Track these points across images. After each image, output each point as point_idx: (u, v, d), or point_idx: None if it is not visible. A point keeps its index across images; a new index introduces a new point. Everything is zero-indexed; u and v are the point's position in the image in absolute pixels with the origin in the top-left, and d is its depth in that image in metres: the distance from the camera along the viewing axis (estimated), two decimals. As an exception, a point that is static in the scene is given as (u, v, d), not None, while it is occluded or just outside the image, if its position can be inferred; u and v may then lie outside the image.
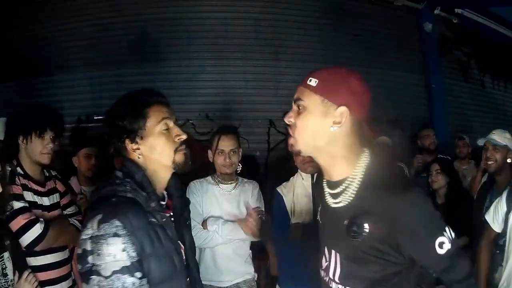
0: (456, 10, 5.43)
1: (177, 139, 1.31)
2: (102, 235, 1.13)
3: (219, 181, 2.38)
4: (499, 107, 6.00)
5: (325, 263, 1.17)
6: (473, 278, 1.13)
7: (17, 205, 1.81)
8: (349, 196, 1.10)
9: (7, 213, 1.74)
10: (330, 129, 1.08)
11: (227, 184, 2.38)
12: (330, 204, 1.15)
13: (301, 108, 1.10)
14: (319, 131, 1.09)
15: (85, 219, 1.21)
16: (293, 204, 2.36)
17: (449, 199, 2.89)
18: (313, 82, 1.09)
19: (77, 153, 3.00)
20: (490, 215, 2.22)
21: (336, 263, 1.13)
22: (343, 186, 1.11)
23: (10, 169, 1.89)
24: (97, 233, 1.13)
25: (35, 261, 1.88)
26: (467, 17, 5.50)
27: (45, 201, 2.00)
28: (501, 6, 5.33)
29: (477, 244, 2.50)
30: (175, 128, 1.33)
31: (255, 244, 2.52)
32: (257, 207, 2.36)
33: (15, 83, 4.62)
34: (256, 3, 4.71)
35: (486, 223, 2.24)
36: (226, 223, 2.27)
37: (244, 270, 2.39)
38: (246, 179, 2.47)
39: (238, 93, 4.54)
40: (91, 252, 1.13)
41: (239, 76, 4.57)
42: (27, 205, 1.86)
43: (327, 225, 1.17)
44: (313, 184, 1.32)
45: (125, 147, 1.30)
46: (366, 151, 1.15)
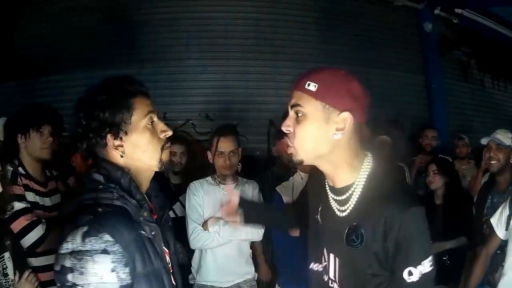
0: (456, 10, 5.43)
1: (162, 136, 1.14)
2: (87, 251, 0.94)
3: (219, 181, 2.37)
4: (499, 107, 6.00)
5: (324, 263, 1.16)
6: None
7: (18, 205, 1.81)
8: (353, 203, 1.07)
9: (8, 213, 1.74)
10: (333, 136, 1.02)
11: (227, 184, 2.38)
12: (334, 209, 1.12)
13: (300, 115, 1.03)
14: (321, 139, 1.03)
15: (63, 232, 1.00)
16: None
17: (447, 199, 2.87)
18: (313, 86, 1.01)
19: (75, 154, 3.00)
20: (495, 219, 2.17)
21: (335, 266, 1.11)
22: (348, 193, 1.08)
23: (12, 169, 1.89)
24: (81, 248, 0.95)
25: (37, 261, 1.88)
26: (467, 17, 5.49)
27: (47, 201, 2.01)
28: (501, 6, 5.33)
29: (476, 244, 2.50)
30: (160, 123, 1.15)
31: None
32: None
33: (15, 83, 4.62)
34: (256, 3, 4.71)
35: (491, 227, 2.20)
36: (227, 224, 2.27)
37: (244, 270, 2.40)
38: (246, 179, 2.47)
39: (238, 93, 4.53)
40: (71, 269, 0.94)
41: (239, 76, 4.56)
42: (29, 205, 1.87)
43: (328, 228, 1.15)
44: (309, 182, 1.28)
45: (106, 143, 1.09)
46: (368, 155, 1.11)
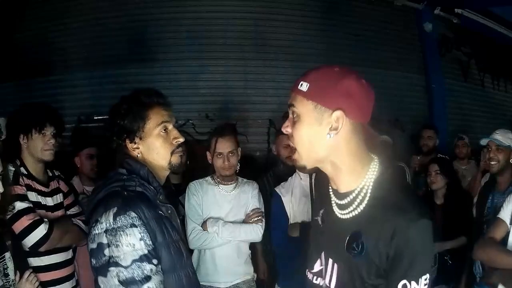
0: (456, 10, 5.43)
1: (174, 142, 1.37)
2: (119, 227, 1.18)
3: (218, 181, 2.38)
4: (499, 107, 6.00)
5: (319, 267, 1.14)
6: None
7: (21, 205, 1.81)
8: (355, 209, 1.03)
9: (9, 213, 1.75)
10: (327, 137, 0.99)
11: (226, 184, 2.38)
12: (336, 213, 1.08)
13: (295, 116, 1.02)
14: (315, 140, 1.01)
15: (94, 215, 1.23)
16: (292, 204, 2.36)
17: (448, 199, 2.88)
18: (304, 86, 1.00)
19: (79, 153, 3.01)
20: (503, 212, 2.03)
21: (332, 272, 1.08)
22: (350, 198, 1.04)
23: (14, 169, 1.88)
24: (113, 226, 1.18)
25: (39, 261, 1.89)
26: (467, 17, 5.49)
27: (49, 201, 2.01)
28: (501, 6, 5.33)
29: (476, 244, 2.50)
30: (174, 130, 1.38)
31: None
32: (256, 208, 2.36)
33: (15, 83, 4.61)
34: (256, 3, 4.70)
35: (498, 219, 2.05)
36: (226, 224, 2.27)
37: (243, 270, 2.40)
38: (245, 179, 2.48)
39: (238, 93, 4.53)
40: (108, 245, 1.18)
41: (239, 76, 4.56)
42: (31, 205, 1.87)
43: (329, 232, 1.11)
44: (312, 183, 1.26)
45: (125, 145, 1.36)
46: (375, 159, 1.06)
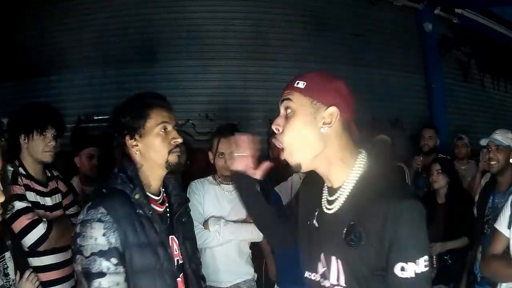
0: (456, 10, 5.45)
1: (172, 142, 1.42)
2: (88, 220, 1.26)
3: (220, 181, 2.38)
4: (499, 107, 6.01)
5: (322, 269, 1.14)
6: None
7: (19, 205, 1.80)
8: (342, 201, 1.09)
9: (8, 213, 1.74)
10: (320, 130, 1.07)
11: (228, 184, 2.37)
12: (327, 211, 1.13)
13: (289, 112, 1.10)
14: (310, 134, 1.08)
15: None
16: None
17: (449, 199, 2.89)
18: (301, 84, 1.09)
19: (79, 154, 3.00)
20: (499, 223, 1.91)
21: (338, 269, 1.09)
22: (339, 192, 1.10)
23: (12, 169, 1.88)
24: (85, 217, 1.27)
25: (38, 261, 1.88)
26: (467, 17, 5.51)
27: (48, 201, 2.00)
28: (501, 6, 5.34)
29: (477, 244, 2.50)
30: (173, 131, 1.44)
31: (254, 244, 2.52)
32: None
33: (15, 83, 4.61)
34: (256, 3, 4.71)
35: (495, 231, 1.94)
36: (227, 224, 2.27)
37: (244, 270, 2.39)
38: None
39: (238, 93, 4.53)
40: (79, 234, 1.27)
41: (239, 76, 4.56)
42: (30, 205, 1.86)
43: (324, 231, 1.14)
44: (302, 187, 1.19)
45: (125, 142, 1.42)
46: (362, 153, 1.14)
